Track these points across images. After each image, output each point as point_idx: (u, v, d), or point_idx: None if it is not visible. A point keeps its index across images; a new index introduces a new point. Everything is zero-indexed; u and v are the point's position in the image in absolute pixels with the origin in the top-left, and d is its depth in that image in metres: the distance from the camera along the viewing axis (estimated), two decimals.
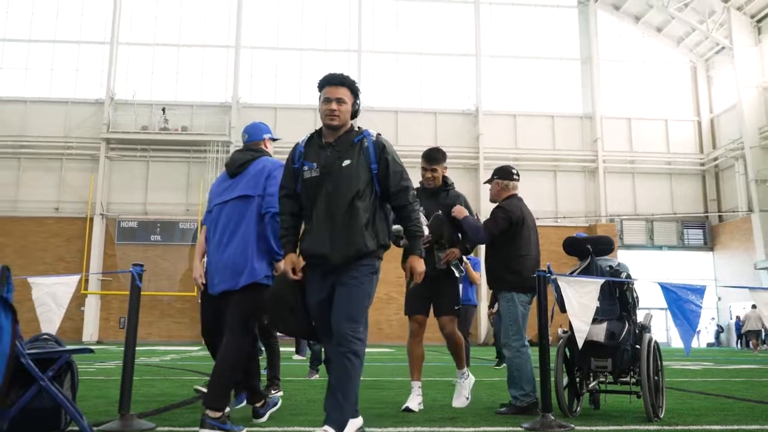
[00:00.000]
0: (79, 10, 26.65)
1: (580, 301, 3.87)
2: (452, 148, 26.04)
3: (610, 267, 4.29)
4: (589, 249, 4.41)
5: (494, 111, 27.22)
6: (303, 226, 3.31)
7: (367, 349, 3.27)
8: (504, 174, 4.85)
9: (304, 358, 10.67)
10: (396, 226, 4.36)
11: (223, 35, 26.79)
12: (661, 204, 27.61)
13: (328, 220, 3.16)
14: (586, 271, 4.32)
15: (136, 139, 25.42)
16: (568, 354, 4.29)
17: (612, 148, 27.56)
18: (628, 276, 4.27)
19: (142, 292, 3.96)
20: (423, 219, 4.37)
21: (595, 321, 3.97)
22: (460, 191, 4.96)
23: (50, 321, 3.88)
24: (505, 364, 9.06)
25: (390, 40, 27.51)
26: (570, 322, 3.94)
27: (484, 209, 25.88)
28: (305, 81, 25.79)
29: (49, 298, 3.94)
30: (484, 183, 5.18)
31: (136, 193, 25.38)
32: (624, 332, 4.11)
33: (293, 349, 12.02)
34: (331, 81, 3.29)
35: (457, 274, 4.69)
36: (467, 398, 4.83)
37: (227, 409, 3.36)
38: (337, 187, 3.15)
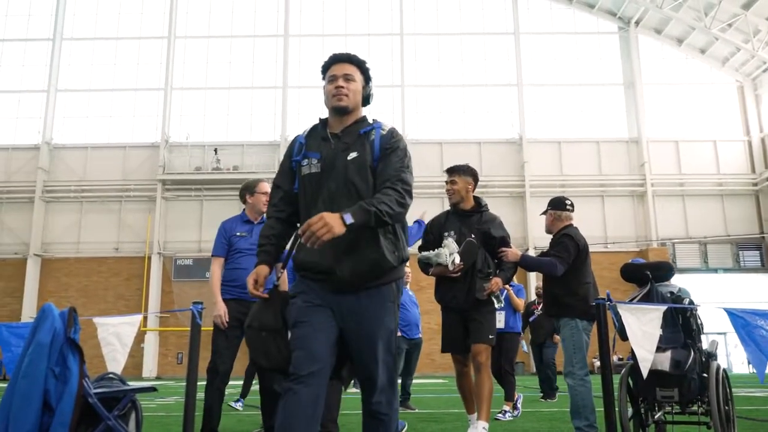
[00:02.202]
0: (135, 59, 27.94)
1: (642, 329, 3.73)
2: (497, 177, 26.19)
3: (671, 293, 4.16)
4: (649, 275, 4.27)
5: (538, 138, 27.29)
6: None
7: (417, 381, 2.94)
8: (557, 205, 4.90)
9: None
10: (425, 253, 4.40)
11: (270, 76, 27.70)
12: (714, 226, 27.03)
13: None
14: (647, 298, 4.18)
15: (190, 180, 26.32)
16: (631, 383, 4.14)
17: (660, 171, 27.22)
18: (691, 302, 4.16)
19: (201, 328, 4.03)
20: (454, 245, 4.33)
21: (659, 349, 3.83)
22: (503, 218, 4.74)
23: (115, 360, 3.95)
24: (550, 399, 9.07)
25: (432, 73, 27.97)
26: (632, 351, 3.80)
27: (532, 237, 25.83)
28: None
29: (114, 338, 4.02)
30: (540, 215, 5.23)
31: (190, 232, 26.18)
32: (690, 360, 3.95)
33: None
34: (336, 59, 2.81)
35: (496, 305, 4.46)
36: None
37: None
38: (341, 184, 2.57)
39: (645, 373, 3.77)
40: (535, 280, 23.10)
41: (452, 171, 4.62)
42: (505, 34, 28.49)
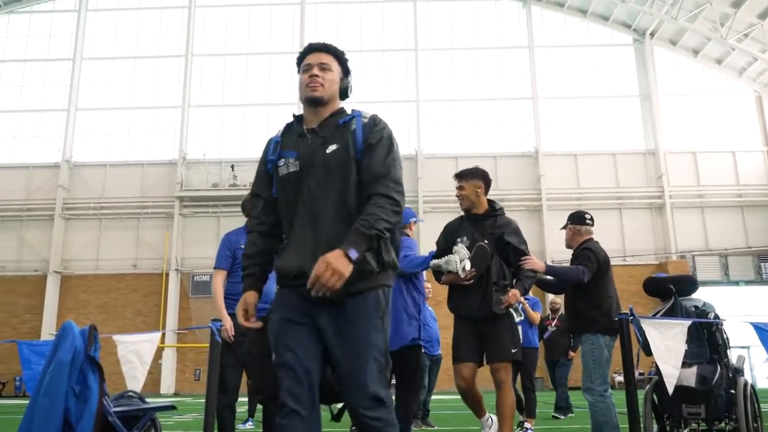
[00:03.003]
0: (153, 77, 28.29)
1: (666, 344, 3.68)
2: (514, 191, 26.09)
3: (696, 307, 4.15)
4: (672, 289, 4.27)
5: (554, 152, 27.18)
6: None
7: (436, 396, 2.78)
8: (577, 219, 4.88)
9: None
10: (435, 260, 4.22)
11: (286, 93, 27.90)
12: (735, 237, 26.68)
13: (310, 226, 2.35)
14: (671, 313, 4.17)
15: (207, 196, 26.50)
16: (656, 400, 4.10)
17: (678, 183, 26.97)
18: (716, 316, 4.10)
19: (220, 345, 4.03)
20: (464, 251, 4.13)
21: (684, 365, 3.79)
22: (521, 225, 4.51)
23: (135, 378, 3.98)
24: (563, 416, 8.92)
25: (447, 88, 28.02)
26: (657, 366, 3.78)
27: (549, 251, 25.60)
28: None
29: (133, 355, 4.05)
30: (560, 229, 5.19)
31: (208, 248, 26.29)
32: (717, 376, 3.91)
33: None
34: (312, 48, 2.58)
35: (516, 318, 4.23)
36: None
37: None
38: (321, 182, 2.37)
39: (671, 389, 3.72)
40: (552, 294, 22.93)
41: (459, 176, 4.45)
42: (519, 47, 28.51)
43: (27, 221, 26.70)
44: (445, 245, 4.40)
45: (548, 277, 4.68)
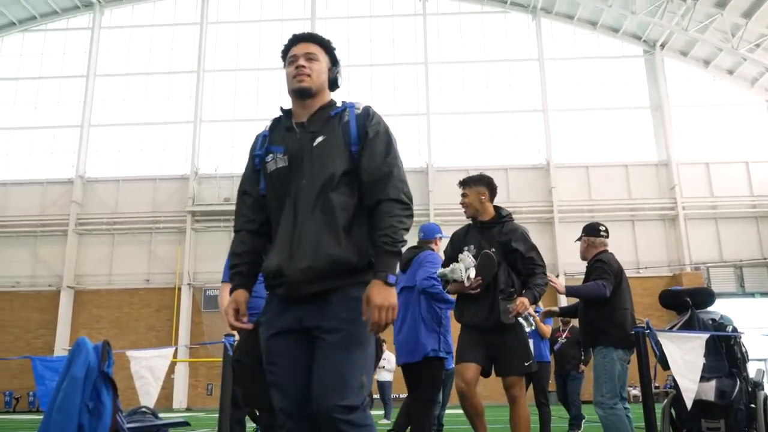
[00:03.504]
0: (165, 93, 28.55)
1: (684, 358, 3.65)
2: (525, 203, 26.00)
3: (713, 320, 4.08)
4: (689, 302, 4.21)
5: (566, 164, 27.10)
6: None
7: (450, 411, 2.65)
8: (591, 231, 4.82)
9: (388, 421, 10.62)
10: (440, 270, 4.12)
11: None
12: (749, 248, 26.41)
13: (293, 222, 2.23)
14: (688, 326, 4.11)
15: (219, 211, 26.60)
16: (674, 414, 4.03)
17: (691, 194, 26.78)
18: (734, 329, 4.04)
19: None
20: (469, 259, 4.01)
21: (702, 379, 3.75)
22: (533, 238, 4.35)
23: (148, 393, 4.02)
24: (580, 429, 8.80)
25: (457, 101, 28.06)
26: (674, 380, 3.74)
27: (562, 263, 25.45)
28: None
29: (147, 371, 4.10)
30: (575, 241, 5.14)
31: (220, 262, 26.14)
32: (736, 390, 3.85)
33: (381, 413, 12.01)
34: (297, 38, 2.48)
35: (527, 328, 4.05)
36: None
37: None
38: (308, 177, 2.26)
39: (689, 403, 3.68)
40: (565, 303, 22.76)
41: (463, 183, 4.33)
42: (529, 60, 28.53)
43: (41, 237, 26.91)
44: (452, 254, 4.29)
45: (565, 304, 4.61)
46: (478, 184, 4.25)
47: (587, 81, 28.25)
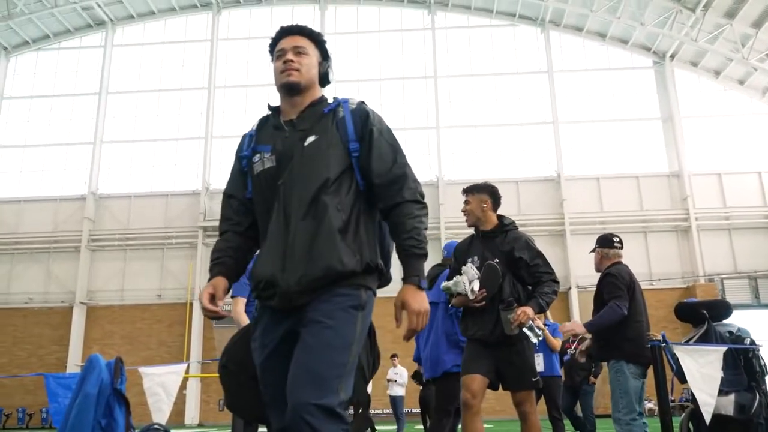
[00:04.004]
0: (176, 110, 28.77)
1: (701, 372, 3.60)
2: (536, 216, 25.90)
3: (730, 333, 4.04)
4: (705, 314, 4.17)
5: (576, 175, 27.00)
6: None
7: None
8: (605, 242, 4.79)
9: None
10: (444, 283, 4.04)
11: None
12: (764, 259, 26.10)
13: (284, 227, 2.11)
14: (704, 339, 4.07)
15: None
16: (691, 428, 3.98)
17: (704, 205, 26.57)
18: (752, 342, 3.99)
19: None
20: (473, 271, 3.92)
21: (720, 393, 3.70)
22: (544, 251, 4.24)
23: (160, 410, 4.01)
24: None
25: (467, 114, 28.08)
26: (692, 394, 3.71)
27: (573, 276, 25.28)
28: None
29: (159, 387, 4.08)
30: (589, 252, 5.10)
31: None
32: (756, 404, 3.77)
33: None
34: (285, 31, 2.39)
35: (533, 340, 3.82)
36: None
37: None
38: (297, 179, 2.13)
39: (708, 418, 3.64)
40: (578, 316, 22.55)
41: (465, 191, 4.27)
42: (538, 72, 28.55)
43: (54, 253, 27.06)
44: (456, 267, 4.22)
45: (577, 314, 4.58)
46: (481, 192, 4.18)
47: (597, 93, 28.20)
